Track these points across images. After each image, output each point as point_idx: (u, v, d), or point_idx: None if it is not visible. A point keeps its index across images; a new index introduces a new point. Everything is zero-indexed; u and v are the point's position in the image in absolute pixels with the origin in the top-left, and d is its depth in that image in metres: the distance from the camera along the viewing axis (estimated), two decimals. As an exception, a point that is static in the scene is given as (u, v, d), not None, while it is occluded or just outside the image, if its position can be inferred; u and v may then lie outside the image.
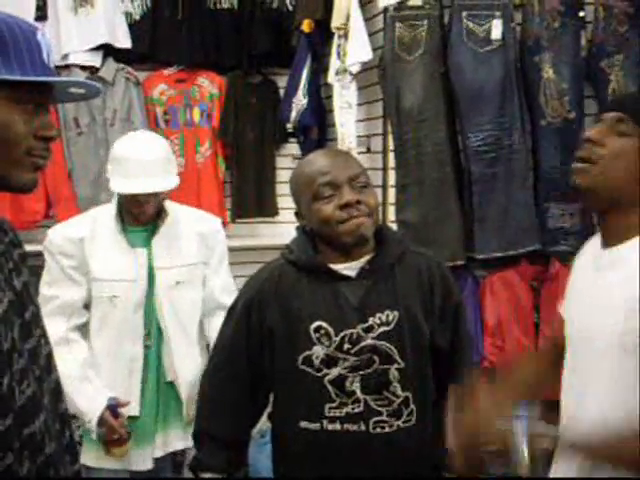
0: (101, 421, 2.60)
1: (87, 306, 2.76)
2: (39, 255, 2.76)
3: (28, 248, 1.59)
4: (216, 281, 2.89)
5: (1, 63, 1.27)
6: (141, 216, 2.72)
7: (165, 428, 2.80)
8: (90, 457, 2.74)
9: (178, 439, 2.81)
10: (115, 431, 2.62)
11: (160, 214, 2.79)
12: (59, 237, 2.72)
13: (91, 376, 2.66)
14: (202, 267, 2.85)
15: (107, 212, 2.78)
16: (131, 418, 2.73)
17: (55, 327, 2.47)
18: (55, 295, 2.68)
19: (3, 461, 1.27)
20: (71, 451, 1.55)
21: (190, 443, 2.70)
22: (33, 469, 1.34)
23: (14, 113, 1.29)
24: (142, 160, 2.64)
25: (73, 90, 1.43)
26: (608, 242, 1.63)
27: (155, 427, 2.78)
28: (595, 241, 1.73)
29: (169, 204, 2.85)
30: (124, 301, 2.70)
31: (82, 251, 2.70)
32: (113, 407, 2.63)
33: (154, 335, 2.76)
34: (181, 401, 2.79)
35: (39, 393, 1.40)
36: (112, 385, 2.71)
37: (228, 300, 2.77)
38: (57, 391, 1.53)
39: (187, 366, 2.78)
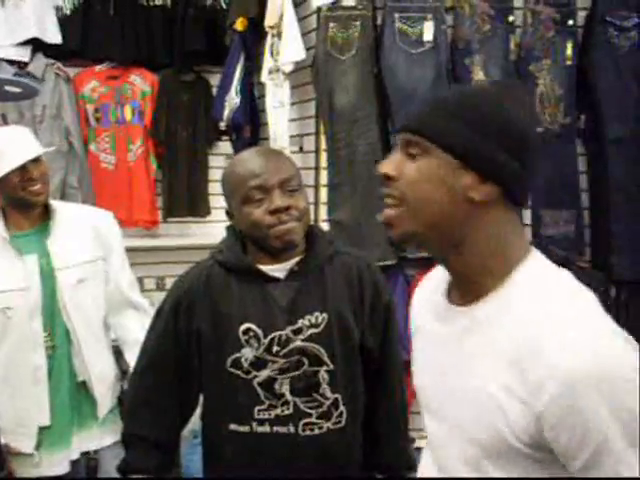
0: None
1: None
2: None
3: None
4: (123, 277, 2.84)
5: None
6: (37, 198, 2.64)
7: (80, 429, 2.75)
8: None
9: (92, 439, 2.76)
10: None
11: (48, 213, 2.72)
12: None
13: None
14: (101, 263, 2.79)
15: None
16: (43, 427, 2.67)
17: None
18: None
19: None
20: None
21: (104, 443, 2.68)
22: None
23: None
24: (12, 140, 2.63)
25: (8, 89, 1.40)
26: (458, 298, 1.34)
27: (70, 429, 2.72)
28: (433, 284, 1.46)
29: (57, 203, 2.80)
30: (18, 311, 2.61)
31: None
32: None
33: (60, 337, 2.69)
34: (95, 400, 2.74)
35: None
36: (19, 396, 2.64)
37: (136, 296, 2.75)
38: None
39: (98, 364, 2.73)
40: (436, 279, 1.45)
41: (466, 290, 1.31)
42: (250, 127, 4.19)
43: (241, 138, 4.19)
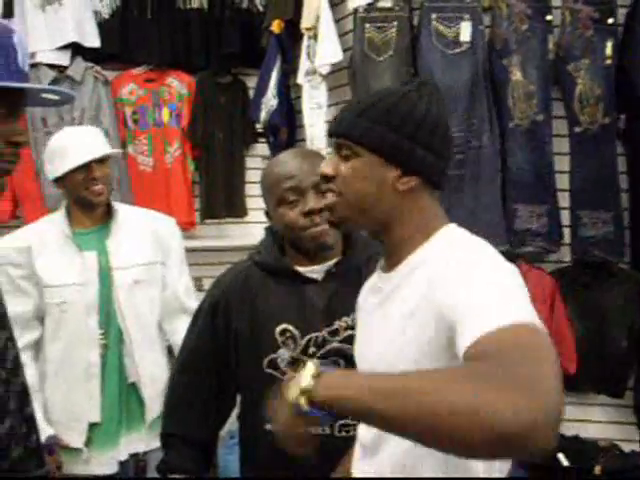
0: None
1: (41, 319, 2.73)
2: (5, 256, 2.73)
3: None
4: (180, 283, 2.89)
5: None
6: (99, 199, 2.70)
7: (129, 430, 2.78)
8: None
9: (140, 441, 2.79)
10: None
11: (110, 213, 2.77)
12: (6, 248, 2.71)
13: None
14: (159, 267, 2.84)
15: (55, 219, 2.78)
16: (93, 424, 2.71)
17: None
18: None
19: None
20: (38, 455, 1.54)
21: (153, 445, 2.69)
22: None
23: None
24: (80, 138, 2.72)
25: (46, 96, 1.42)
26: (388, 265, 1.54)
27: (119, 430, 2.76)
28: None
29: (119, 205, 2.85)
30: (74, 306, 2.67)
31: (30, 259, 2.68)
32: (49, 446, 2.60)
33: (113, 337, 2.73)
34: (143, 402, 2.77)
35: (5, 396, 1.39)
36: (71, 391, 2.69)
37: (192, 303, 2.75)
38: (24, 394, 1.51)
39: (149, 366, 2.76)
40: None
41: (393, 259, 1.51)
42: (287, 129, 4.20)
43: (278, 140, 4.20)
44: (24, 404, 1.51)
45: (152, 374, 2.73)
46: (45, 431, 2.61)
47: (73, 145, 2.68)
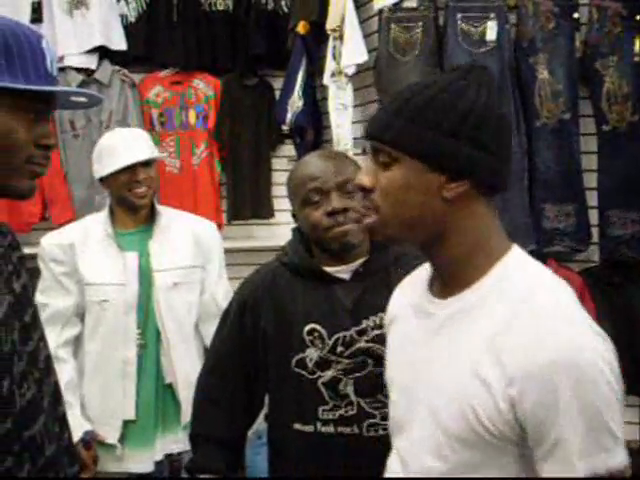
0: None
1: (82, 316, 2.77)
2: (36, 258, 2.76)
3: (25, 251, 1.60)
4: (219, 287, 2.90)
5: (6, 71, 1.27)
6: (141, 201, 2.73)
7: (164, 431, 2.80)
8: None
9: (176, 442, 2.80)
10: (82, 461, 2.60)
11: (153, 216, 2.79)
12: (50, 244, 2.75)
13: (71, 402, 2.61)
14: (199, 271, 2.86)
15: (98, 218, 2.82)
16: (128, 422, 2.74)
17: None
18: (45, 303, 2.68)
19: (3, 464, 1.27)
20: (70, 453, 1.56)
21: (188, 446, 2.71)
22: (33, 472, 1.34)
23: (16, 121, 1.30)
24: (127, 140, 2.74)
25: (74, 99, 1.44)
26: (439, 291, 1.37)
27: (155, 429, 2.78)
28: (416, 280, 1.50)
29: (162, 208, 2.87)
30: (114, 305, 2.70)
31: (73, 257, 2.72)
32: (86, 441, 2.63)
33: (151, 337, 2.76)
34: (179, 403, 2.79)
35: (39, 396, 1.40)
36: (107, 387, 2.71)
37: None
38: (56, 393, 1.53)
39: (185, 367, 2.77)
40: (418, 276, 1.50)
41: (448, 283, 1.34)
42: (313, 130, 4.20)
43: (304, 141, 4.21)
44: (57, 403, 1.53)
45: (188, 376, 2.74)
46: (83, 426, 2.66)
47: (120, 146, 2.71)
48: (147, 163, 2.73)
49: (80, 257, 2.72)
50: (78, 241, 2.74)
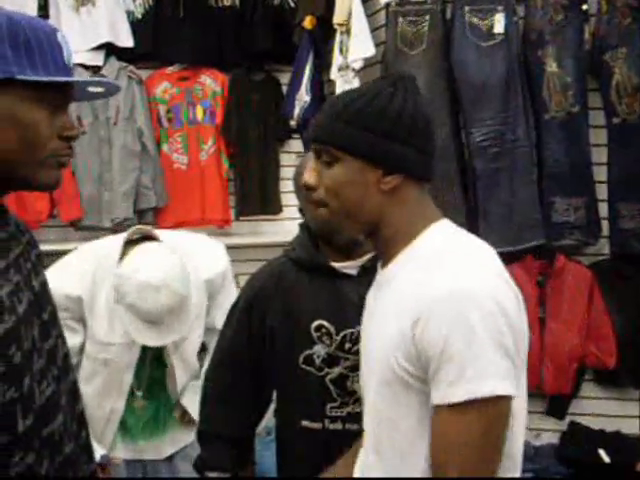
0: None
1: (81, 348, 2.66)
2: (45, 255, 2.72)
3: (34, 248, 1.60)
4: (219, 313, 2.65)
5: (27, 64, 1.28)
6: None
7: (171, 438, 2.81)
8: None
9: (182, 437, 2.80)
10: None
11: None
12: (57, 294, 2.45)
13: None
14: (206, 306, 2.72)
15: (108, 268, 2.53)
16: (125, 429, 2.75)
17: None
18: None
19: (24, 461, 1.27)
20: (87, 451, 1.56)
21: (189, 440, 2.71)
22: (52, 469, 1.35)
23: (39, 114, 1.31)
24: (157, 312, 2.37)
25: (92, 89, 1.44)
26: (383, 262, 1.55)
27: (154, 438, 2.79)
28: None
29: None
30: (116, 362, 2.62)
31: (80, 308, 2.57)
32: (103, 464, 2.60)
33: (155, 390, 2.73)
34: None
35: (57, 393, 1.40)
36: (89, 422, 2.67)
37: None
38: (74, 391, 1.54)
39: (193, 405, 2.60)
40: None
41: (385, 256, 1.53)
42: (320, 125, 4.19)
43: (312, 136, 4.19)
44: (74, 401, 1.53)
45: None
46: (97, 450, 2.59)
47: (144, 312, 2.38)
48: None
49: (87, 312, 2.59)
50: (86, 296, 2.57)
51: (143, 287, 2.33)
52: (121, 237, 2.59)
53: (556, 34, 3.31)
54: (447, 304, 1.31)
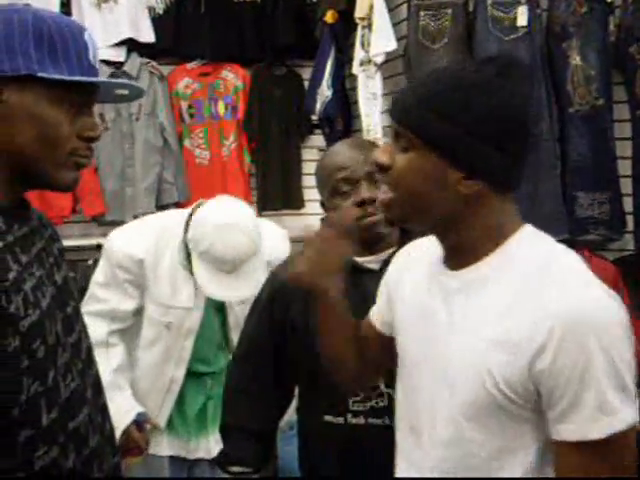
0: (124, 432, 2.56)
1: (135, 312, 2.70)
2: (68, 251, 2.73)
3: (57, 244, 1.60)
4: None
5: (49, 62, 1.28)
6: None
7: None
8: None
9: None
10: (135, 442, 2.61)
11: None
12: (120, 252, 2.58)
13: (122, 384, 2.61)
14: None
15: (173, 234, 2.59)
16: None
17: (96, 328, 2.37)
18: (107, 299, 2.60)
19: (49, 454, 1.28)
20: (112, 443, 1.57)
21: None
22: (78, 462, 1.35)
23: (60, 113, 1.31)
24: (232, 252, 2.41)
25: (118, 91, 1.44)
26: (452, 264, 1.37)
27: (197, 435, 2.79)
28: (421, 256, 1.50)
29: None
30: (177, 327, 2.64)
31: (141, 270, 2.59)
32: (139, 423, 2.63)
33: (218, 363, 2.75)
34: None
35: (82, 387, 1.41)
36: (148, 395, 2.69)
37: None
38: (97, 384, 1.55)
39: None
40: (422, 251, 1.51)
41: (459, 258, 1.35)
42: (342, 119, 4.19)
43: (334, 130, 4.20)
44: (98, 394, 1.54)
45: None
46: (135, 408, 2.62)
47: (227, 266, 2.44)
48: None
49: (150, 274, 2.60)
50: (149, 258, 2.59)
51: (219, 227, 2.39)
52: (186, 210, 2.63)
53: (580, 26, 3.27)
54: (578, 332, 1.17)
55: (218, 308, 2.72)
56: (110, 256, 2.61)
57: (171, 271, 2.61)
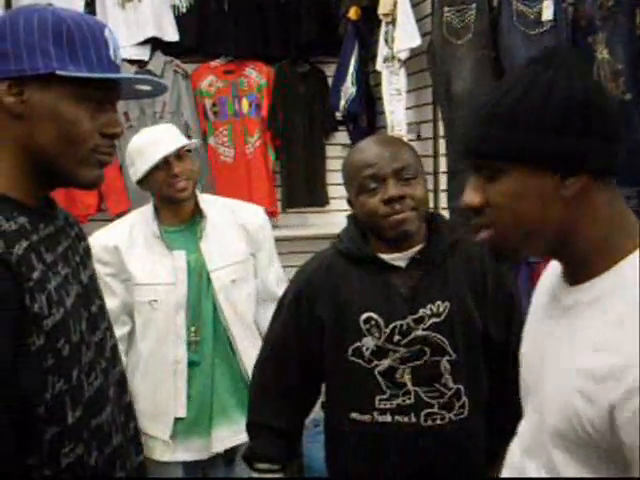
0: None
1: (131, 314, 2.78)
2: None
3: (83, 242, 1.61)
4: (270, 273, 2.90)
5: (69, 60, 1.29)
6: (181, 194, 2.69)
7: (223, 423, 2.78)
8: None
9: (237, 433, 2.75)
10: None
11: (198, 212, 2.79)
12: (96, 246, 2.62)
13: None
14: (252, 260, 2.85)
15: (143, 216, 2.80)
16: (181, 418, 2.75)
17: None
18: None
19: (74, 452, 1.29)
20: (135, 442, 1.59)
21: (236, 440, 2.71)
22: (101, 460, 1.36)
23: (81, 110, 1.31)
24: (154, 137, 2.72)
25: (139, 87, 1.45)
26: (569, 278, 1.28)
27: (210, 423, 2.76)
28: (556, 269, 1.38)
29: (205, 198, 2.85)
30: (164, 304, 2.70)
31: (119, 258, 2.72)
32: None
33: (206, 334, 2.74)
34: (242, 393, 2.77)
35: (105, 385, 1.42)
36: (158, 387, 2.72)
37: (282, 291, 2.76)
38: (121, 383, 1.56)
39: (254, 359, 2.73)
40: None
41: (575, 272, 1.25)
42: (366, 116, 4.18)
43: (358, 127, 4.18)
44: (122, 393, 1.56)
45: None
46: None
47: (148, 145, 2.68)
48: (180, 156, 2.69)
49: (127, 258, 2.72)
50: (123, 243, 2.73)
51: (140, 132, 2.81)
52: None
53: (607, 20, 3.23)
54: None
55: (204, 284, 2.74)
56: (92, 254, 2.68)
57: (148, 250, 2.73)
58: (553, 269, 1.41)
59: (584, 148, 1.16)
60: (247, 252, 2.83)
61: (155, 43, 4.16)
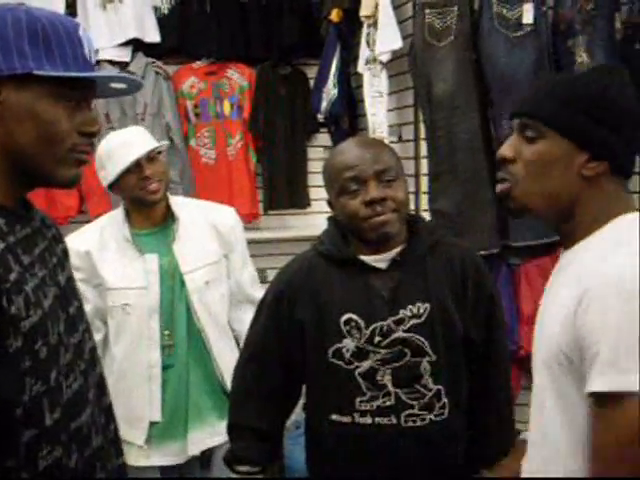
0: None
1: (105, 319, 2.76)
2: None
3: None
4: (244, 274, 2.89)
5: (45, 59, 1.28)
6: (153, 197, 2.67)
7: (199, 425, 2.77)
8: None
9: (212, 435, 2.76)
10: None
11: (169, 214, 2.77)
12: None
13: None
14: (224, 261, 2.84)
15: (114, 220, 2.78)
16: (156, 422, 2.73)
17: None
18: None
19: (52, 454, 1.28)
20: (115, 444, 1.57)
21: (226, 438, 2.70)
22: (81, 462, 1.36)
23: (59, 109, 1.31)
24: (124, 140, 2.70)
25: (114, 85, 1.44)
26: (566, 244, 1.50)
27: (185, 426, 2.75)
28: None
29: (176, 200, 2.83)
30: (137, 308, 2.68)
31: (90, 263, 2.70)
32: None
33: (179, 338, 2.72)
34: (218, 395, 2.77)
35: (85, 387, 1.42)
36: (133, 392, 2.69)
37: (257, 292, 2.74)
38: (101, 385, 1.55)
39: (227, 360, 2.74)
40: None
41: (570, 239, 1.47)
42: (348, 118, 4.19)
43: (339, 129, 4.19)
44: (102, 395, 1.55)
45: (230, 368, 2.73)
46: None
47: (118, 148, 2.66)
48: (151, 158, 2.67)
49: (99, 263, 2.70)
50: (94, 247, 2.71)
51: (109, 135, 2.77)
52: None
53: (586, 24, 3.25)
54: (610, 289, 1.26)
55: (178, 287, 2.73)
56: None
57: (119, 254, 2.71)
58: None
59: (613, 142, 1.40)
60: (220, 253, 2.82)
61: (136, 44, 4.14)
